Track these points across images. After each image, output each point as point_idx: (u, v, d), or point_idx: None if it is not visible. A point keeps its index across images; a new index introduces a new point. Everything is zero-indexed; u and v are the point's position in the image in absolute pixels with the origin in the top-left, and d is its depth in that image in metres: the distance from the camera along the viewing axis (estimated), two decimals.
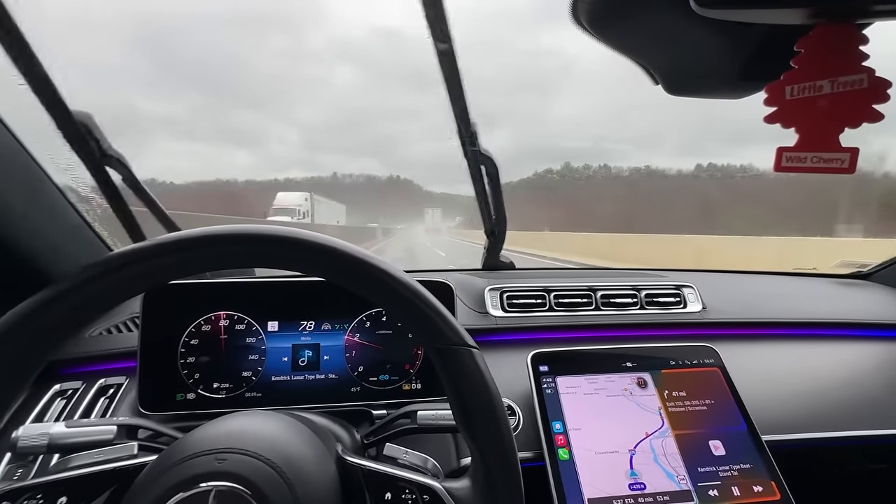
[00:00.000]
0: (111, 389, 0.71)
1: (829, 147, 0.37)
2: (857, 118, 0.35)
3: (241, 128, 38.50)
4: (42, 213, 0.75)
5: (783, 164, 0.38)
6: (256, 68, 74.37)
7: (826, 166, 0.37)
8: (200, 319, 0.69)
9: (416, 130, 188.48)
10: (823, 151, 0.37)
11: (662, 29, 0.46)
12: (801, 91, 0.37)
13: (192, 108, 31.53)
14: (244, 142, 43.76)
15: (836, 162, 0.37)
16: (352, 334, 0.72)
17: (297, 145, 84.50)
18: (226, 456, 0.38)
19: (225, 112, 30.36)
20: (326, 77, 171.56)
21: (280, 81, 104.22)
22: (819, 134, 0.37)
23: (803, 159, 0.37)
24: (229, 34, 40.31)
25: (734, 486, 0.63)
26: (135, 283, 0.37)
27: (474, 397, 0.40)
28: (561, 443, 0.65)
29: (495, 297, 0.92)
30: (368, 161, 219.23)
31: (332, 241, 0.39)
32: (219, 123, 27.00)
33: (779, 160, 0.38)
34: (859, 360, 0.89)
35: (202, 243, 0.37)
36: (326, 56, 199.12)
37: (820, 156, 0.37)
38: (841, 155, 0.36)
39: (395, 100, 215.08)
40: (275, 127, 51.68)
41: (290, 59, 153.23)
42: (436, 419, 0.57)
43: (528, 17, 38.37)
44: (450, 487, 0.42)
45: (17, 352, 0.34)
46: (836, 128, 0.36)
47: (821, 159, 0.37)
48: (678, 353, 0.76)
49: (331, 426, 0.57)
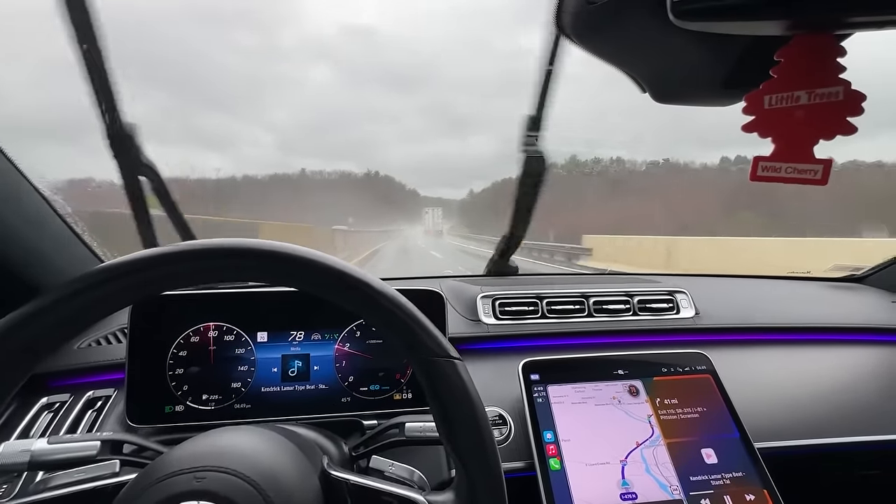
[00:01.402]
0: (99, 402, 0.71)
1: (803, 158, 0.36)
2: (832, 130, 0.35)
3: (210, 130, 38.60)
4: (28, 224, 0.75)
5: (758, 174, 0.38)
6: (226, 66, 72.19)
7: (800, 177, 0.37)
8: (189, 330, 0.69)
9: (393, 132, 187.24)
10: (798, 162, 0.36)
11: (644, 40, 0.46)
12: (780, 101, 0.37)
13: (157, 108, 33.11)
14: (214, 145, 47.01)
15: (809, 173, 0.36)
16: (342, 344, 0.72)
17: (270, 147, 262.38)
18: (204, 474, 0.37)
19: (192, 113, 30.09)
20: (299, 77, 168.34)
21: (251, 81, 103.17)
22: (794, 144, 0.37)
23: (778, 169, 0.37)
24: (194, 29, 40.06)
25: (726, 494, 0.63)
26: (116, 298, 0.37)
27: (457, 409, 0.39)
28: (552, 452, 0.64)
29: (487, 305, 0.92)
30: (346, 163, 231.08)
31: (312, 253, 0.39)
32: (186, 125, 27.41)
33: (755, 169, 0.38)
34: (852, 366, 0.89)
35: (181, 258, 0.37)
36: (299, 55, 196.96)
37: (794, 166, 0.37)
38: (814, 166, 0.36)
39: (374, 100, 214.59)
40: (246, 129, 63.62)
41: (260, 57, 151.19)
42: (423, 431, 0.57)
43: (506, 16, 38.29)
44: (433, 501, 0.41)
45: (2, 363, 0.34)
46: (811, 139, 0.36)
47: (795, 170, 0.37)
48: (670, 360, 0.75)
49: (317, 439, 0.57)
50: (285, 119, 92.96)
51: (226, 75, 55.36)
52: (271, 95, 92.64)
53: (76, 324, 0.36)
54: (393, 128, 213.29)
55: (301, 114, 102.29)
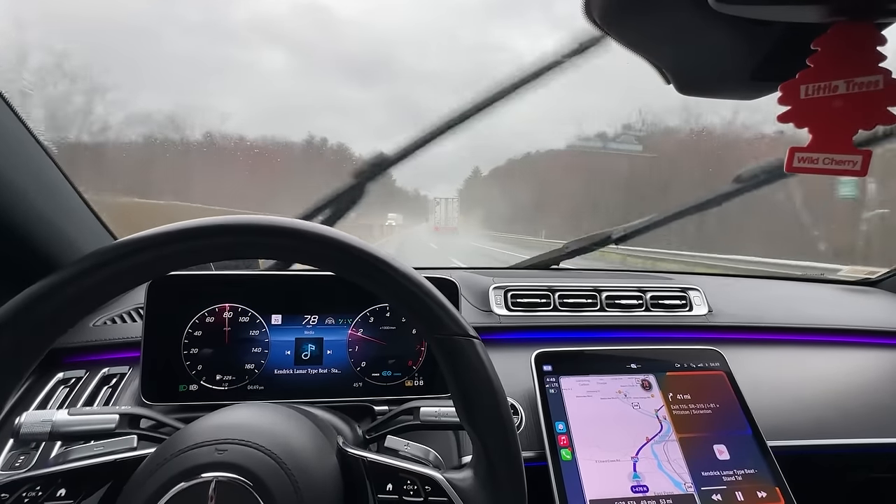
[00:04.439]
0: (114, 379, 0.71)
1: (841, 148, 0.36)
2: (871, 120, 0.35)
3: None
4: (50, 202, 0.75)
5: (794, 165, 0.37)
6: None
7: (838, 168, 0.36)
8: (204, 311, 0.69)
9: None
10: (836, 153, 0.36)
11: (677, 26, 0.45)
12: (816, 90, 0.37)
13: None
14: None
15: (848, 164, 0.36)
16: (355, 329, 0.72)
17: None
18: (226, 447, 0.38)
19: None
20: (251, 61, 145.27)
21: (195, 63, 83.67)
22: (832, 135, 0.36)
23: (815, 160, 0.37)
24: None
25: (738, 491, 0.62)
26: (135, 273, 0.37)
27: (476, 387, 0.39)
28: (563, 443, 0.64)
29: (499, 296, 0.92)
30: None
31: (332, 231, 0.39)
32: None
33: (790, 160, 0.37)
34: (866, 368, 0.88)
35: (201, 234, 0.37)
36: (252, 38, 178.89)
37: (832, 157, 0.36)
38: (853, 157, 0.36)
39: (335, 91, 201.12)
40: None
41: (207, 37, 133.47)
42: (439, 416, 0.57)
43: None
44: (452, 478, 0.41)
45: (16, 342, 0.34)
46: (849, 129, 0.36)
47: (833, 160, 0.36)
48: (683, 356, 0.75)
49: (332, 419, 0.57)
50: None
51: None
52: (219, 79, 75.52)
53: (99, 296, 0.36)
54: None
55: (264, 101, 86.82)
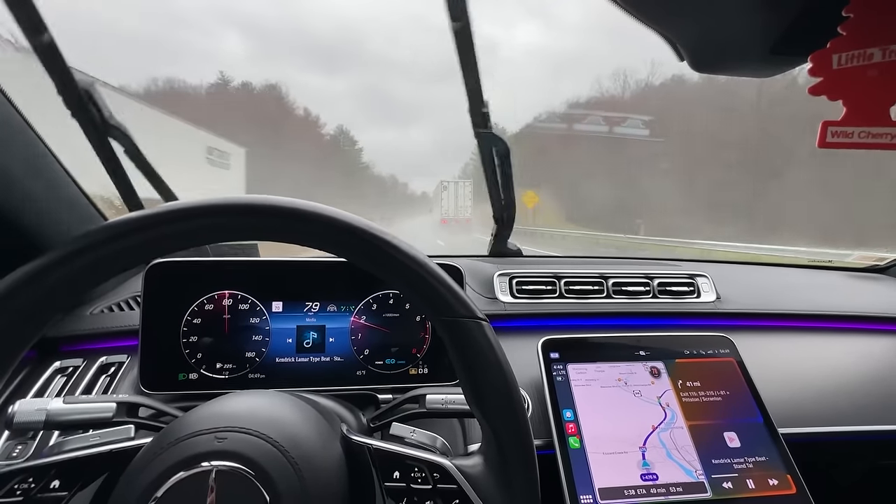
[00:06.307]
0: (112, 368, 0.70)
1: (878, 121, 0.34)
2: None
3: None
4: (43, 186, 0.73)
5: (828, 140, 0.35)
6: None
7: (874, 142, 0.34)
8: (203, 298, 0.67)
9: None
10: (872, 126, 0.34)
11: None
12: (850, 60, 0.34)
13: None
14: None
15: (885, 137, 0.34)
16: (358, 316, 0.70)
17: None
18: (226, 435, 0.36)
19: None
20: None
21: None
22: (868, 107, 0.34)
23: (850, 134, 0.34)
24: None
25: (749, 478, 0.61)
26: (130, 253, 0.35)
27: (485, 371, 0.38)
28: (572, 431, 0.63)
29: (504, 283, 0.90)
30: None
31: (335, 211, 0.37)
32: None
33: (823, 135, 0.35)
34: (876, 354, 0.87)
35: (198, 213, 0.35)
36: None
37: (868, 130, 0.34)
38: (891, 129, 0.34)
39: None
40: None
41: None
42: (445, 403, 0.55)
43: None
44: (461, 465, 0.40)
45: (11, 319, 0.32)
46: (886, 100, 0.34)
47: (869, 134, 0.34)
48: (693, 343, 0.74)
49: (336, 408, 0.55)
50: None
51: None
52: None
53: (95, 275, 0.34)
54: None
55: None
